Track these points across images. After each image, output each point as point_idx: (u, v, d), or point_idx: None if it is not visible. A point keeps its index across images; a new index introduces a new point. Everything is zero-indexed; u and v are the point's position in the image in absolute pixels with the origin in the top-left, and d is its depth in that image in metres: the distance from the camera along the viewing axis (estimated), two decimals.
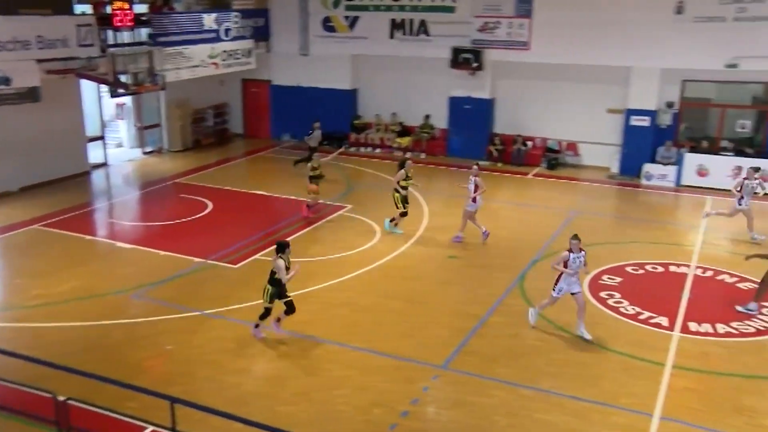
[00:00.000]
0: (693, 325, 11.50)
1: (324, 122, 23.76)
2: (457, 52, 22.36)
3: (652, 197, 19.80)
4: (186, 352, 10.60)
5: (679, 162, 20.43)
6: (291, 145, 25.23)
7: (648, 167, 20.73)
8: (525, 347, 10.81)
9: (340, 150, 19.44)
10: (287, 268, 10.62)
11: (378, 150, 24.40)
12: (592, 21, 20.47)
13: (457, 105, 23.36)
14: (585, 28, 20.56)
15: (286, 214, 17.35)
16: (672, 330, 11.37)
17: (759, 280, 12.01)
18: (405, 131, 24.24)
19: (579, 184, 20.78)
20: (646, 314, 11.88)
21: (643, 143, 21.02)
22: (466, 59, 22.27)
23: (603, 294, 12.72)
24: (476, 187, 15.04)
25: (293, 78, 25.46)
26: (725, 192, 19.47)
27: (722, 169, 19.85)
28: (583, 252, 10.84)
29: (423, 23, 23.06)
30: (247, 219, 16.93)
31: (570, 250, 10.79)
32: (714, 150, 20.62)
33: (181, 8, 22.56)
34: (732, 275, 13.58)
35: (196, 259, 14.16)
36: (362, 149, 24.50)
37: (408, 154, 15.91)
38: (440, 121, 23.85)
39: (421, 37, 23.16)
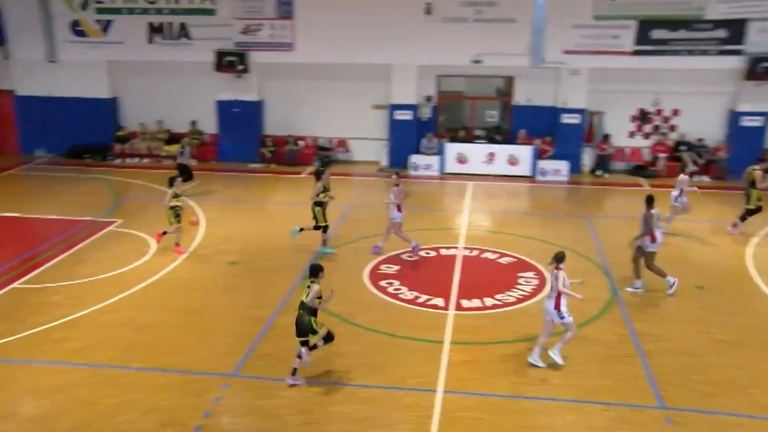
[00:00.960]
0: (465, 302, 12.42)
1: (83, 134, 22.18)
2: (220, 55, 21.99)
3: (420, 186, 21.03)
4: None
5: (441, 152, 21.95)
6: (47, 160, 23.15)
7: (414, 158, 22.02)
8: None
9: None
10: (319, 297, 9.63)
11: (146, 160, 23.27)
12: (352, 21, 21.23)
13: (225, 109, 22.99)
14: (346, 28, 21.27)
15: (45, 236, 15.86)
16: (447, 309, 12.17)
17: (519, 255, 13.27)
18: (173, 138, 23.33)
19: (352, 179, 21.47)
20: (424, 297, 12.58)
21: (408, 136, 22.29)
22: (231, 62, 22.01)
23: (383, 283, 13.26)
24: (396, 196, 14.47)
25: (42, 87, 23.32)
26: (483, 177, 21.37)
27: (478, 156, 21.74)
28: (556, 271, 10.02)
29: (183, 26, 22.36)
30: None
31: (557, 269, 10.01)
32: (470, 139, 22.48)
33: None
34: (494, 252, 14.86)
35: None
36: (128, 160, 23.21)
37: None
38: (209, 125, 23.33)
39: (182, 40, 22.44)
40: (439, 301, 12.42)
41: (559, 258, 10.06)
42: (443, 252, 14.99)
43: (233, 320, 11.75)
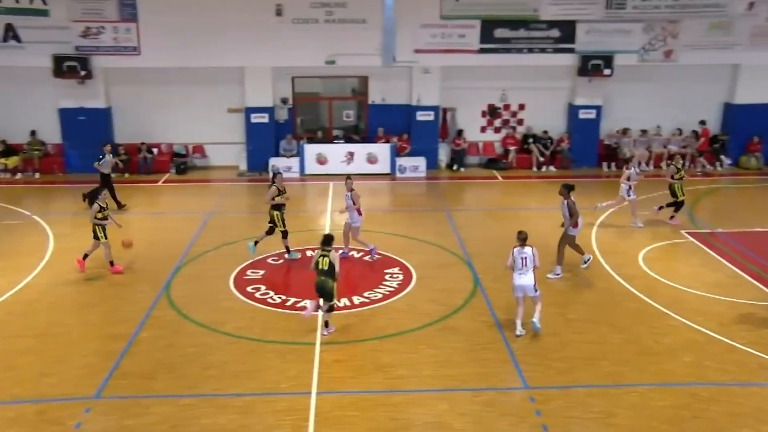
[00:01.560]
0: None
1: None
2: (59, 60, 20.64)
3: None
4: None
5: (300, 153, 21.87)
6: None
7: (274, 161, 21.80)
8: (181, 356, 10.56)
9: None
10: None
11: None
12: (201, 24, 20.67)
13: (69, 117, 21.63)
14: (195, 31, 20.67)
15: None
16: (317, 311, 12.15)
17: (384, 252, 13.51)
18: (11, 150, 21.66)
19: (210, 186, 20.95)
20: (292, 300, 12.51)
21: (266, 139, 22.05)
22: (72, 67, 20.73)
23: (249, 289, 13.04)
24: (354, 201, 14.13)
25: None
26: (343, 176, 21.43)
27: (337, 155, 21.87)
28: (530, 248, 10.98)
29: (11, 28, 20.70)
30: None
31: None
32: (328, 139, 22.58)
33: None
34: (359, 251, 15.01)
35: None
36: None
37: (281, 169, 14.30)
38: (53, 135, 21.85)
39: (11, 43, 20.77)
40: (308, 303, 12.37)
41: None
42: (309, 254, 14.94)
43: (92, 339, 11.11)
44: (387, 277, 13.64)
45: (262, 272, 13.83)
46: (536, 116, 23.08)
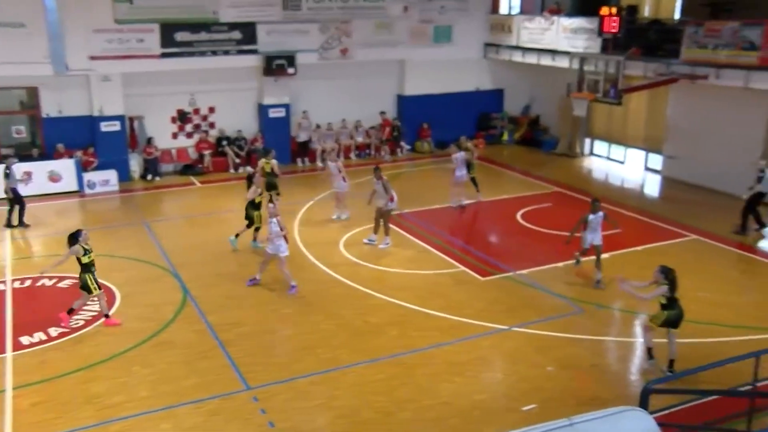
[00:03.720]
0: (26, 339, 11.17)
1: None
2: None
3: None
4: None
5: None
6: None
7: None
8: None
9: None
10: None
11: None
12: None
13: None
14: None
15: None
16: (4, 352, 10.79)
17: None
18: None
19: None
20: None
21: None
22: None
23: None
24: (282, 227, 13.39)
25: None
26: (27, 199, 19.27)
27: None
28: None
29: None
30: None
31: None
32: None
33: None
34: (51, 278, 13.62)
35: None
36: None
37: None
38: None
39: None
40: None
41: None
42: None
43: None
44: (87, 301, 12.58)
45: None
46: (228, 118, 23.02)
